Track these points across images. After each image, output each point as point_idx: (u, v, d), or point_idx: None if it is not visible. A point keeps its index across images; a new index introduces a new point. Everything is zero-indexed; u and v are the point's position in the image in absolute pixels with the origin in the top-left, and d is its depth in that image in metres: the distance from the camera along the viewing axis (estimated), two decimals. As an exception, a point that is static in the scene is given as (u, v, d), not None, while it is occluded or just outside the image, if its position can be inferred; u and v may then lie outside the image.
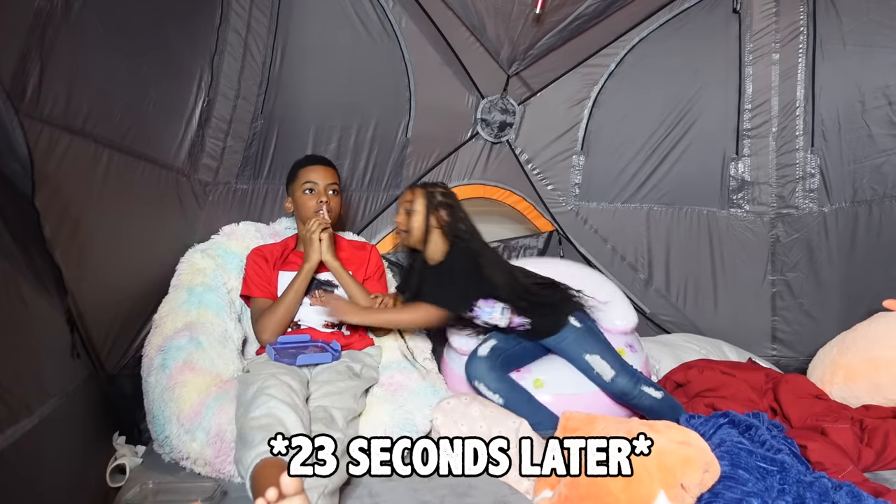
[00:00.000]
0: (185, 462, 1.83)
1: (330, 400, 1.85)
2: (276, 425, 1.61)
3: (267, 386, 1.76)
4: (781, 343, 3.05)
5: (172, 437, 1.84)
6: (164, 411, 1.87)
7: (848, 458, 1.82)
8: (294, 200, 2.36)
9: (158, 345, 2.01)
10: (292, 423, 1.64)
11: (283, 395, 1.73)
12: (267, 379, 1.81)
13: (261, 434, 1.58)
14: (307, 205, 2.30)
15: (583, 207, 3.12)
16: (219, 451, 1.79)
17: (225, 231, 2.41)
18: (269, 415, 1.66)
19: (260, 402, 1.70)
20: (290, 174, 2.39)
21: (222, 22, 2.39)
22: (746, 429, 1.76)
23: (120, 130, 1.91)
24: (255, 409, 1.68)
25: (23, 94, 1.46)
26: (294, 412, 1.68)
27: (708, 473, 1.45)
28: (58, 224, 1.58)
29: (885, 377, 2.28)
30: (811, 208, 3.00)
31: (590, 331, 2.27)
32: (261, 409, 1.68)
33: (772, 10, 2.99)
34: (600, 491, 1.46)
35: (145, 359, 2.01)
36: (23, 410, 1.25)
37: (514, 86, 2.94)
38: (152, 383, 1.93)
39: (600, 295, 2.51)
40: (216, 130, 2.44)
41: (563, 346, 2.26)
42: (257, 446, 1.55)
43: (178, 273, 2.23)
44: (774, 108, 3.03)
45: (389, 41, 2.71)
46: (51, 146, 1.58)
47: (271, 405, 1.68)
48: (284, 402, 1.70)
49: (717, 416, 1.83)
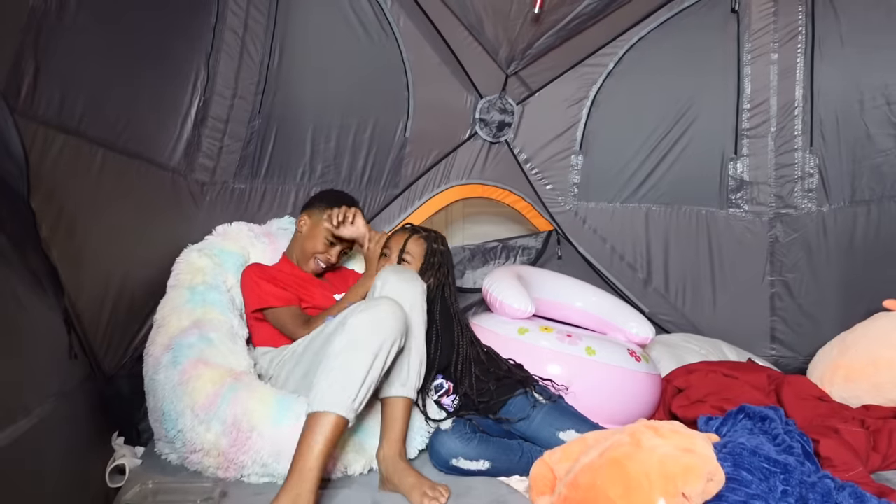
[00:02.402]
0: (196, 455, 1.80)
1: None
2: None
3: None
4: (780, 343, 3.05)
5: (186, 430, 1.81)
6: (176, 405, 1.85)
7: (859, 459, 1.81)
8: (311, 233, 2.33)
9: (165, 344, 1.98)
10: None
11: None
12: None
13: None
14: (318, 249, 2.31)
15: (581, 207, 3.11)
16: (234, 440, 1.78)
17: (219, 231, 2.38)
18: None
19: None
20: (324, 208, 2.34)
21: (218, 21, 2.37)
22: (761, 420, 1.74)
23: (114, 130, 1.90)
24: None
25: (18, 94, 1.45)
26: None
27: (712, 482, 1.43)
28: (54, 225, 1.57)
29: (886, 377, 2.27)
30: (810, 208, 3.00)
31: (558, 406, 2.05)
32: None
33: (770, 9, 2.99)
34: (598, 496, 1.44)
35: (150, 358, 1.98)
36: (21, 411, 1.25)
37: (513, 85, 2.93)
38: (161, 380, 1.90)
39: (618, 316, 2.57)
40: (213, 130, 2.43)
41: (533, 428, 1.99)
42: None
43: (175, 273, 2.19)
44: (773, 107, 3.03)
45: (388, 40, 2.70)
46: (45, 146, 1.56)
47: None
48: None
49: (733, 413, 1.81)
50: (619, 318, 2.57)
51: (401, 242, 2.28)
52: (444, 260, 2.29)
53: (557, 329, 2.37)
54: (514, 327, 2.36)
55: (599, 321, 2.60)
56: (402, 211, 2.92)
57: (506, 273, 2.59)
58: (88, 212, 1.76)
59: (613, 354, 2.30)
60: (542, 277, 2.73)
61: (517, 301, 2.41)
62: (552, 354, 2.26)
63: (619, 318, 2.57)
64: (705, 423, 1.85)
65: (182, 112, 2.30)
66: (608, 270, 3.10)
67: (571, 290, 2.71)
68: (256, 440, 1.78)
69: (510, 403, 2.02)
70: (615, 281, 3.11)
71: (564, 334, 2.32)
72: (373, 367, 1.68)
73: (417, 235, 2.31)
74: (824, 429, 1.96)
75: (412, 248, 2.27)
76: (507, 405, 2.02)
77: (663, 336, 2.99)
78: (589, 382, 2.22)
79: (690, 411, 2.12)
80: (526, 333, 2.32)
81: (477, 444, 1.88)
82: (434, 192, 2.96)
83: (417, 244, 2.28)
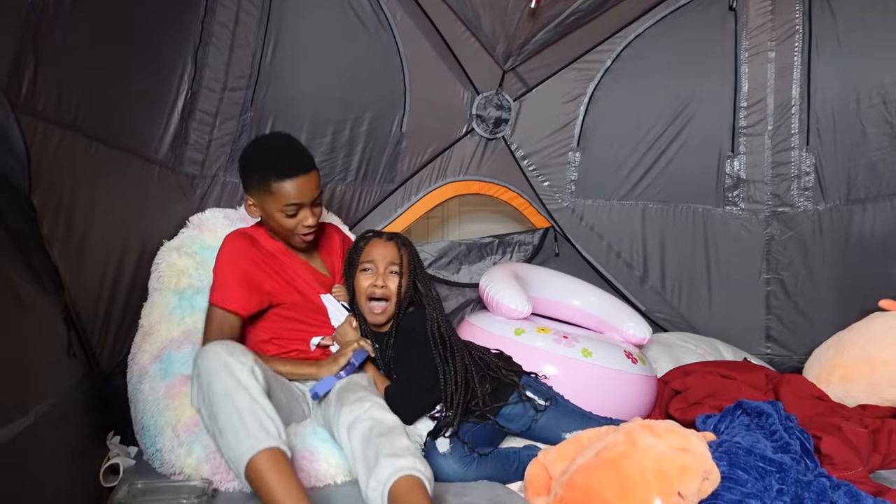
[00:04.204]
0: (177, 476, 1.70)
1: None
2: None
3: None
4: (775, 341, 3.06)
5: (165, 451, 1.71)
6: (157, 421, 1.75)
7: (860, 458, 1.82)
8: (266, 214, 1.98)
9: (153, 353, 1.90)
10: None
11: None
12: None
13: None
14: (287, 226, 1.97)
15: (578, 204, 3.11)
16: (217, 467, 1.66)
17: (194, 222, 2.26)
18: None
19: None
20: (258, 180, 1.96)
21: (207, 14, 2.35)
22: (758, 415, 1.74)
23: (106, 124, 1.89)
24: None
25: (19, 90, 1.44)
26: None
27: (707, 481, 1.44)
28: (54, 221, 1.57)
29: (882, 377, 2.28)
30: (806, 206, 3.01)
31: (560, 407, 2.04)
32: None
33: (768, 8, 2.99)
34: (595, 497, 1.45)
35: (136, 366, 1.91)
36: (18, 409, 1.24)
37: (510, 81, 2.92)
38: (145, 391, 1.82)
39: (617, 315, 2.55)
40: (201, 123, 2.41)
41: (535, 432, 1.99)
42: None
43: (158, 275, 2.08)
44: (770, 106, 3.03)
45: (384, 35, 2.69)
46: (45, 142, 1.56)
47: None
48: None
49: (730, 409, 1.81)
50: (616, 317, 2.58)
51: (387, 251, 2.07)
52: (418, 254, 2.16)
53: (554, 330, 2.36)
54: (510, 328, 2.35)
55: (597, 321, 2.60)
56: (398, 207, 2.91)
57: (503, 272, 2.58)
58: (85, 208, 1.75)
59: (610, 356, 2.30)
60: (540, 275, 2.73)
61: (514, 301, 2.40)
62: (548, 356, 2.25)
63: (616, 317, 2.58)
64: (703, 421, 1.85)
65: (168, 105, 2.28)
66: (605, 268, 3.11)
67: (569, 288, 2.71)
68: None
69: (507, 410, 1.98)
70: (612, 278, 3.11)
71: (561, 336, 2.32)
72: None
73: (397, 241, 2.09)
74: (827, 426, 1.97)
75: (391, 253, 2.06)
76: (502, 413, 1.97)
77: (660, 335, 2.99)
78: (585, 385, 2.22)
79: (689, 414, 2.11)
80: (522, 334, 2.32)
81: (476, 467, 1.81)
82: (430, 188, 2.95)
83: (397, 249, 2.07)
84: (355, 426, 1.61)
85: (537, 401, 2.01)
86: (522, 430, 1.98)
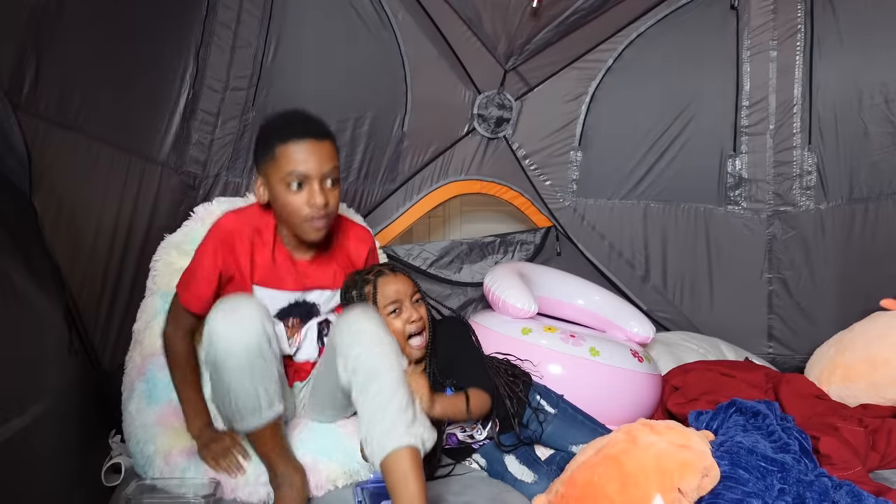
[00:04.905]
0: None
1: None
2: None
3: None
4: (777, 341, 3.05)
5: (157, 479, 1.65)
6: (144, 448, 1.69)
7: (858, 458, 1.82)
8: (271, 192, 1.67)
9: (139, 365, 1.83)
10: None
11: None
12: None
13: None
14: (292, 204, 1.63)
15: (580, 204, 3.11)
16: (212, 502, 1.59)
17: (198, 214, 2.16)
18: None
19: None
20: (264, 147, 1.67)
21: (209, 14, 2.36)
22: (754, 415, 1.73)
23: (107, 124, 1.90)
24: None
25: (20, 91, 1.45)
26: None
27: (707, 478, 1.44)
28: (55, 221, 1.57)
29: (883, 376, 2.28)
30: (808, 206, 3.00)
31: (566, 416, 2.01)
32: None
33: (769, 6, 2.98)
34: (596, 492, 1.45)
35: (126, 377, 1.86)
36: (16, 409, 1.24)
37: (511, 81, 2.92)
38: (132, 412, 1.76)
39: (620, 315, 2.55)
40: (203, 123, 2.41)
41: (543, 440, 1.99)
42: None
43: (154, 274, 1.99)
44: (772, 105, 3.02)
45: (386, 34, 2.69)
46: (46, 143, 1.56)
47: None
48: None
49: (723, 407, 1.80)
50: (620, 317, 2.58)
51: (401, 284, 1.85)
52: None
53: (561, 329, 2.36)
54: (517, 327, 2.34)
55: (601, 320, 2.60)
56: (400, 206, 2.92)
57: (508, 271, 2.58)
58: (86, 208, 1.77)
59: (617, 355, 2.30)
60: (544, 275, 2.73)
61: (520, 301, 2.39)
62: (555, 355, 2.24)
63: (620, 317, 2.58)
64: (695, 418, 1.83)
65: (170, 106, 2.28)
66: (606, 267, 3.10)
67: (573, 288, 2.71)
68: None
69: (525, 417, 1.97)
70: (613, 278, 3.11)
71: (568, 335, 2.31)
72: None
73: (397, 270, 1.91)
74: (824, 426, 1.97)
75: (405, 287, 1.85)
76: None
77: (662, 334, 2.99)
78: (592, 383, 2.22)
79: (687, 409, 2.10)
80: (529, 333, 2.31)
81: (546, 472, 1.80)
82: (432, 187, 2.95)
83: (406, 281, 1.87)
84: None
85: (546, 408, 2.01)
86: (533, 439, 1.98)
